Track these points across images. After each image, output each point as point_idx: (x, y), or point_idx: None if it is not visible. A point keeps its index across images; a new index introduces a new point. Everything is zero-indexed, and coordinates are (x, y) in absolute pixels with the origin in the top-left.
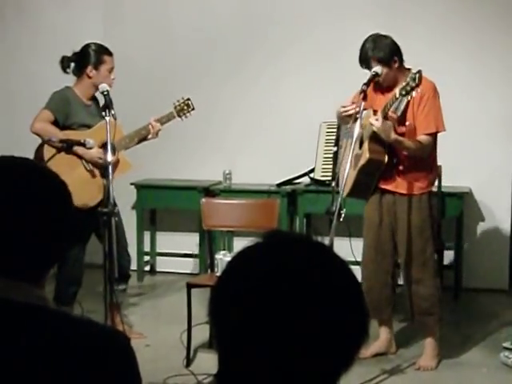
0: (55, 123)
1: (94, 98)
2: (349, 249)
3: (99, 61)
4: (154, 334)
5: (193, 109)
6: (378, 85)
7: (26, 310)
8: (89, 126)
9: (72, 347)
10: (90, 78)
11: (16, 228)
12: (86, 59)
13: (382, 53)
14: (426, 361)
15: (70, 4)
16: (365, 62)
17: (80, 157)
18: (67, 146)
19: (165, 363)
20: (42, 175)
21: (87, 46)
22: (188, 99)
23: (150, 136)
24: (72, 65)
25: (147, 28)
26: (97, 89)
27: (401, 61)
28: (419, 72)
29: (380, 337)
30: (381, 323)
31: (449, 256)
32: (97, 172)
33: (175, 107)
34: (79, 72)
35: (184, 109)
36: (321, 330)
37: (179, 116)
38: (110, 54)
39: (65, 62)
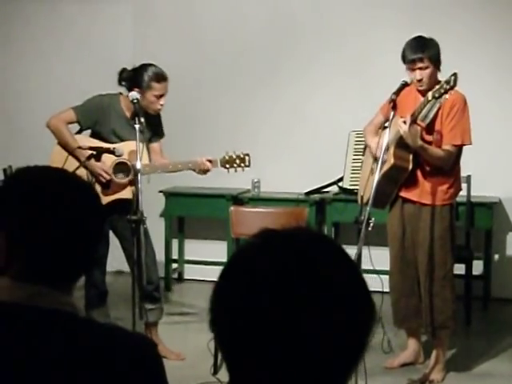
0: (79, 124)
1: (134, 114)
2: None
3: (147, 86)
4: (182, 342)
5: (247, 166)
6: (411, 93)
7: (55, 316)
8: (121, 138)
9: (99, 353)
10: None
11: (51, 238)
12: (136, 81)
13: (433, 50)
14: (436, 374)
15: (100, 11)
16: (417, 60)
17: (86, 168)
18: (97, 154)
19: (192, 371)
20: (78, 187)
21: (143, 66)
22: (246, 154)
23: (196, 172)
24: (127, 79)
25: (177, 35)
26: (143, 109)
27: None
28: (455, 74)
29: (408, 347)
30: (409, 333)
31: (478, 266)
32: (98, 189)
33: (223, 157)
34: (129, 89)
35: (235, 162)
36: (327, 330)
37: (224, 167)
38: (160, 80)
39: (122, 75)
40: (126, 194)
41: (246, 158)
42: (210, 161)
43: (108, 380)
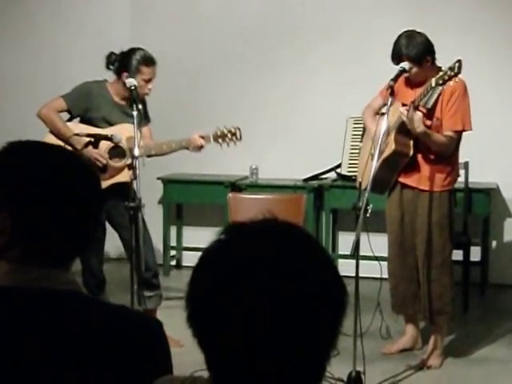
0: (69, 113)
1: (131, 101)
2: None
3: (136, 70)
4: (180, 329)
5: (238, 139)
6: (409, 80)
7: (61, 296)
8: (111, 124)
9: (107, 331)
10: (124, 82)
11: (54, 216)
12: (125, 65)
13: (414, 51)
14: (434, 359)
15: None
16: (397, 58)
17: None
18: (95, 141)
19: (191, 357)
20: (78, 163)
21: (132, 51)
22: (238, 128)
23: (190, 149)
24: (116, 63)
25: (175, 22)
26: (130, 91)
27: (433, 59)
28: (459, 61)
29: (406, 333)
30: (407, 319)
31: (475, 252)
32: None
33: (215, 132)
34: (117, 73)
35: (226, 136)
36: (298, 315)
37: (217, 141)
38: (149, 64)
39: (110, 59)
40: (123, 177)
41: (237, 131)
42: (202, 137)
43: (113, 356)
